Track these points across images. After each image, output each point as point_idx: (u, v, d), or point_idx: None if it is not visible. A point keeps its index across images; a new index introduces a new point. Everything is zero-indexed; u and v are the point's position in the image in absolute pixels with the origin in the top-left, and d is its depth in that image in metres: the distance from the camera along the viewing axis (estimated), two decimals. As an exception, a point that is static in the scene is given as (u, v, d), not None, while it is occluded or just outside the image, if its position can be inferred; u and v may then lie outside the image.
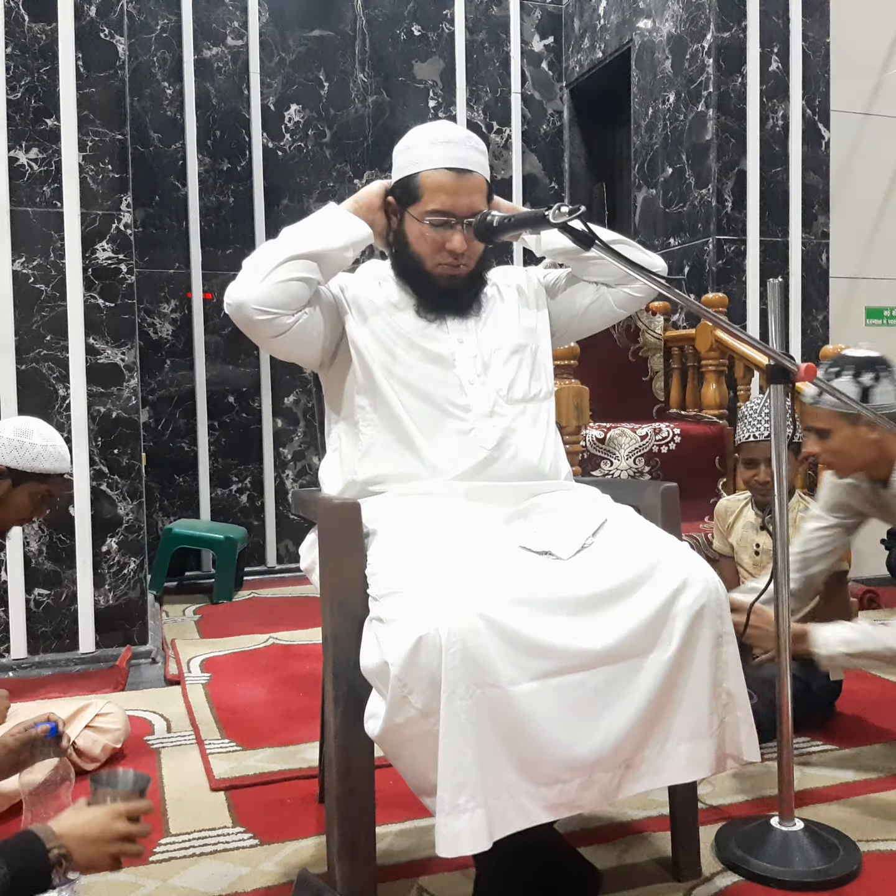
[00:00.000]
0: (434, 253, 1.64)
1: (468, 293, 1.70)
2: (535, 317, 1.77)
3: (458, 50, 4.64)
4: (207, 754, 2.18)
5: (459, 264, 1.65)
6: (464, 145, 1.63)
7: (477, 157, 1.63)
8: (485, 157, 1.67)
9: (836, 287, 3.93)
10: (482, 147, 1.67)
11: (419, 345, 1.64)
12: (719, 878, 1.61)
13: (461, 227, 1.61)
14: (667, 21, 4.01)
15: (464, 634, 1.24)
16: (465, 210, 1.60)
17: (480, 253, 1.68)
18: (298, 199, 4.44)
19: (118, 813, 1.26)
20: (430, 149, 1.63)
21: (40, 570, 2.93)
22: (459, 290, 1.68)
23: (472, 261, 1.67)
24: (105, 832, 1.24)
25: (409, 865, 1.67)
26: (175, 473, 4.31)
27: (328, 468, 1.69)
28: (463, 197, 1.60)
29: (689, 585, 1.41)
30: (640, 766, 1.35)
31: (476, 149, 1.64)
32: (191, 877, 1.64)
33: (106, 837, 1.24)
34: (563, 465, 1.70)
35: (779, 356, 1.63)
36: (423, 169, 1.62)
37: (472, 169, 1.61)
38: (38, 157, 2.90)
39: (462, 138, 1.64)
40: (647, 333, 3.58)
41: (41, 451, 1.98)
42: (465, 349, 1.66)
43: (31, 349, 2.90)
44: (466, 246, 1.62)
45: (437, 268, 1.65)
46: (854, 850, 1.66)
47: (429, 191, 1.61)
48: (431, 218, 1.61)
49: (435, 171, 1.61)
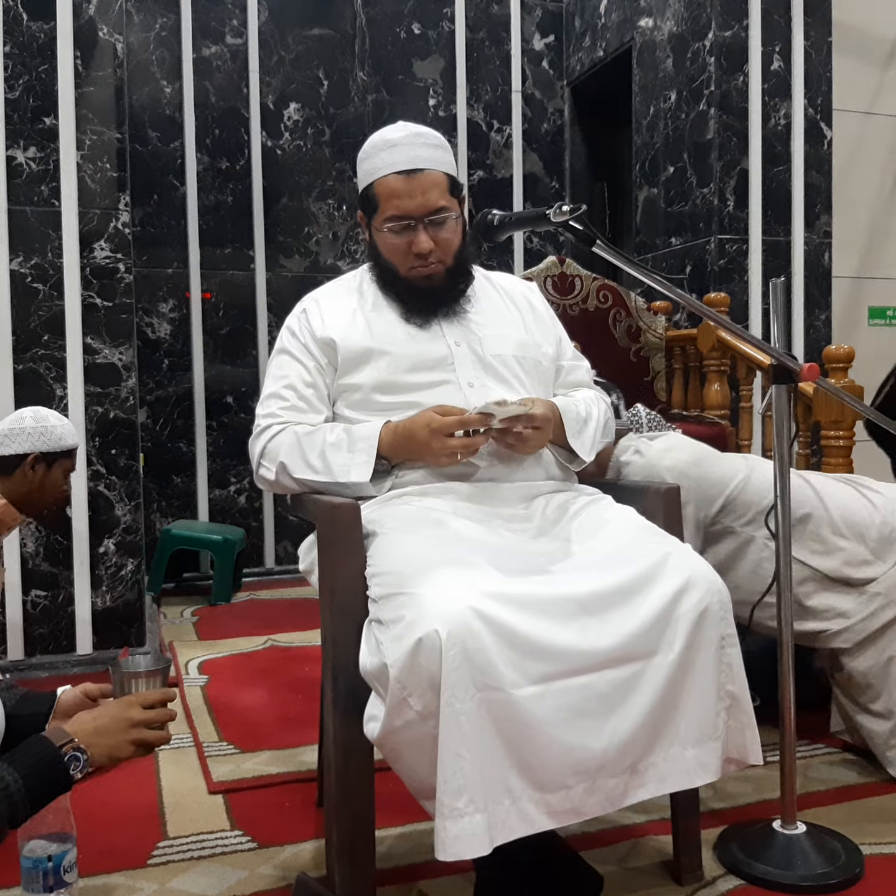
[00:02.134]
0: (404, 258, 1.64)
1: (452, 290, 1.68)
2: (545, 338, 1.75)
3: (458, 48, 4.62)
4: (205, 757, 2.16)
5: (431, 263, 1.63)
6: (411, 145, 1.60)
7: (428, 152, 1.61)
8: (441, 149, 1.64)
9: (839, 287, 3.92)
10: (437, 141, 1.64)
11: (413, 353, 1.62)
12: (721, 882, 1.60)
13: (422, 226, 1.60)
14: (668, 20, 4.00)
15: (464, 636, 1.22)
16: (422, 209, 1.59)
17: (457, 247, 1.66)
18: (298, 198, 4.43)
19: (130, 702, 1.28)
20: (378, 156, 1.62)
21: (37, 571, 2.91)
22: (441, 290, 1.66)
23: (448, 256, 1.65)
24: (118, 721, 1.26)
25: (409, 869, 1.65)
26: (173, 474, 4.30)
27: None
28: (416, 197, 1.59)
29: (693, 587, 1.40)
30: (647, 772, 1.34)
31: (428, 144, 1.62)
32: (188, 880, 1.63)
33: (120, 726, 1.26)
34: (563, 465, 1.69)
35: (781, 356, 1.62)
36: (375, 178, 1.62)
37: (422, 167, 1.59)
38: (35, 156, 2.88)
39: (409, 137, 1.61)
40: (649, 333, 3.56)
41: (63, 432, 2.18)
42: (463, 352, 1.64)
43: (28, 349, 2.88)
44: (433, 244, 1.61)
45: (410, 272, 1.65)
46: (856, 853, 1.65)
47: (383, 198, 1.61)
48: (390, 225, 1.61)
49: (385, 178, 1.60)
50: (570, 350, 1.83)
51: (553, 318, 1.83)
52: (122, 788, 2.02)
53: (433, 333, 1.65)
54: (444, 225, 1.62)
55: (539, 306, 1.80)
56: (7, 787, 1.17)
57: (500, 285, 1.80)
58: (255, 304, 4.34)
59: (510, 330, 1.71)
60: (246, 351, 4.34)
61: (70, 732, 1.24)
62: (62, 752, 1.22)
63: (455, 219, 1.64)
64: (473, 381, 1.62)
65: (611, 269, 3.84)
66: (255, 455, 1.66)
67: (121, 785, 2.04)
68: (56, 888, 1.43)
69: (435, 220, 1.61)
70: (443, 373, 1.62)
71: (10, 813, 1.18)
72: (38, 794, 1.21)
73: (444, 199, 1.61)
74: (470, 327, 1.67)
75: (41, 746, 1.23)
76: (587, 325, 3.36)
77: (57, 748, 1.22)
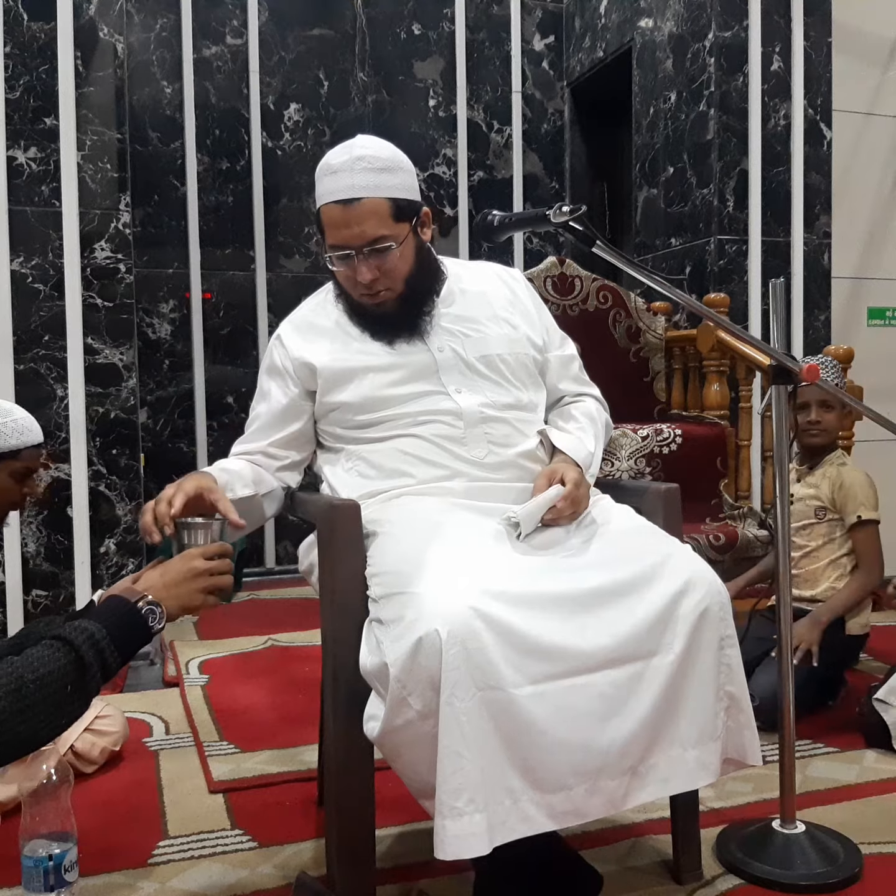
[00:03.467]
0: (353, 287, 1.62)
1: (409, 314, 1.63)
2: (531, 328, 1.73)
3: (458, 49, 4.62)
4: (206, 756, 2.17)
5: (378, 291, 1.59)
6: (350, 171, 1.53)
7: (367, 179, 1.53)
8: (386, 173, 1.55)
9: (839, 287, 3.92)
10: (380, 164, 1.55)
11: (396, 365, 1.61)
12: (720, 881, 1.60)
13: (362, 256, 1.55)
14: (668, 20, 4.00)
15: (464, 635, 1.23)
16: (358, 240, 1.54)
17: (407, 273, 1.60)
18: (298, 199, 4.43)
19: (192, 555, 1.33)
20: (322, 182, 1.58)
21: (38, 571, 2.92)
22: (395, 315, 1.62)
23: (396, 283, 1.60)
24: (185, 573, 1.31)
25: (409, 868, 1.65)
26: (174, 474, 4.21)
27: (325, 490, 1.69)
28: (353, 227, 1.54)
29: (693, 588, 1.40)
30: (648, 773, 1.34)
31: (368, 169, 1.54)
32: (189, 879, 1.63)
33: (188, 577, 1.31)
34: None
35: (781, 357, 1.62)
36: (320, 204, 1.58)
37: (359, 196, 1.53)
38: (36, 157, 2.89)
39: (349, 163, 1.54)
40: (649, 334, 3.56)
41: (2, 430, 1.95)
42: (446, 357, 1.63)
43: (29, 349, 2.89)
44: (375, 274, 1.56)
45: (361, 298, 1.63)
46: (856, 852, 1.65)
47: (326, 227, 1.58)
48: (332, 254, 1.58)
49: (326, 206, 1.57)
50: (557, 338, 1.79)
51: (538, 307, 1.78)
52: (122, 788, 2.02)
53: (414, 342, 1.63)
54: (386, 254, 1.56)
55: (521, 294, 1.76)
56: (92, 635, 1.21)
57: (478, 277, 1.76)
58: (255, 304, 4.34)
59: (494, 327, 1.68)
60: (246, 351, 4.34)
61: (141, 590, 1.29)
62: (139, 606, 1.26)
63: (398, 246, 1.57)
64: (461, 387, 1.61)
65: (611, 270, 3.84)
66: None
67: (121, 784, 2.04)
68: (57, 887, 1.43)
69: (375, 250, 1.55)
70: (428, 383, 1.60)
71: (100, 660, 1.21)
72: (123, 644, 1.25)
73: (384, 227, 1.54)
74: (451, 329, 1.65)
75: (117, 602, 1.27)
76: (587, 326, 3.36)
77: (133, 603, 1.26)
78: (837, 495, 2.46)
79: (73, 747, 2.03)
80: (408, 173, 1.60)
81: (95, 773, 2.08)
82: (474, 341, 1.65)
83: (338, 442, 1.66)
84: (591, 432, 1.70)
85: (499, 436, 1.59)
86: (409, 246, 1.60)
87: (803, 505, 2.49)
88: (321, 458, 1.71)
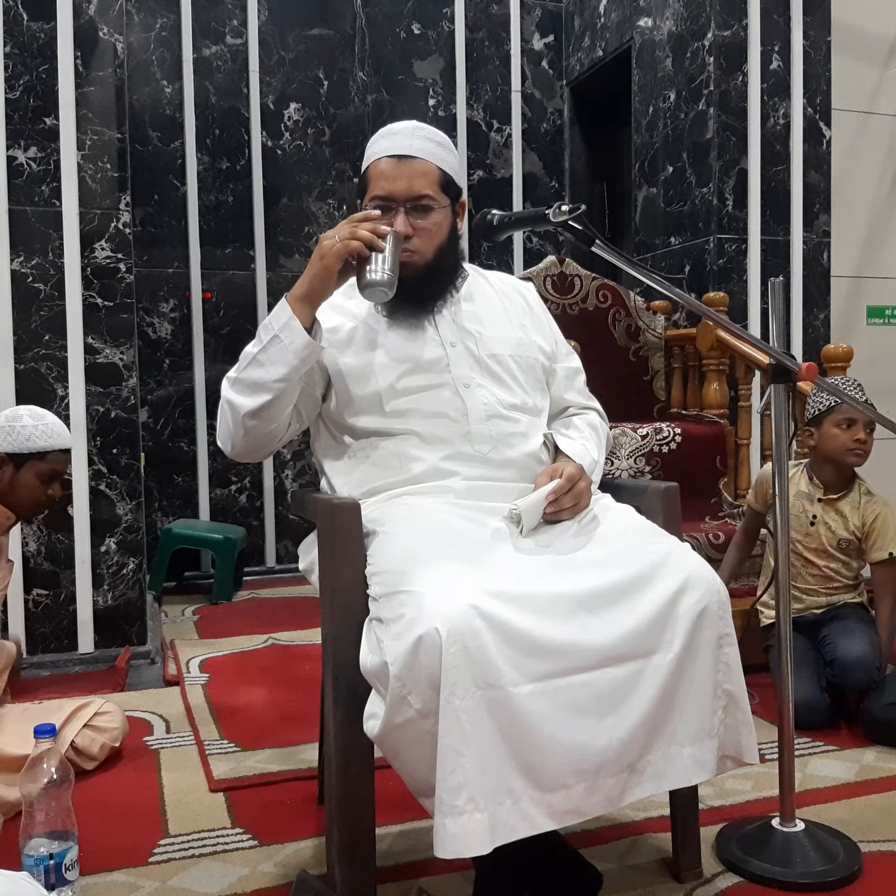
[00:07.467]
0: None
1: (428, 286, 1.63)
2: (542, 337, 1.75)
3: (458, 48, 4.63)
4: (206, 755, 2.17)
5: (407, 250, 1.58)
6: (410, 135, 1.61)
7: (423, 144, 1.60)
8: (442, 147, 1.63)
9: (838, 286, 3.92)
10: (437, 137, 1.63)
11: (407, 357, 1.61)
12: (720, 880, 1.61)
13: (404, 210, 1.58)
14: (667, 19, 4.01)
15: (464, 634, 1.23)
16: (404, 193, 1.57)
17: (439, 243, 1.62)
18: (298, 198, 4.43)
19: None
20: (378, 143, 1.63)
21: (39, 570, 2.92)
22: (415, 282, 1.59)
23: (427, 248, 1.60)
24: None
25: (409, 867, 1.66)
26: (174, 473, 4.30)
27: (324, 485, 1.68)
28: (402, 180, 1.57)
29: (692, 587, 1.40)
30: (644, 770, 1.34)
31: (426, 138, 1.61)
32: (190, 878, 1.63)
33: None
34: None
35: (780, 355, 1.63)
36: (370, 161, 1.63)
37: (414, 154, 1.59)
38: (36, 156, 2.89)
39: (409, 129, 1.62)
40: (648, 333, 3.57)
41: (32, 432, 2.07)
42: (458, 352, 1.64)
43: (29, 349, 2.89)
44: (411, 230, 1.57)
45: None
46: (855, 851, 1.66)
47: (372, 179, 1.61)
48: (373, 205, 1.59)
49: (377, 161, 1.61)
50: (564, 350, 1.82)
51: (549, 319, 1.82)
52: (123, 786, 2.03)
53: (427, 334, 1.64)
54: (427, 214, 1.59)
55: (535, 306, 1.80)
56: None
57: (497, 284, 1.79)
58: (255, 303, 4.34)
59: (507, 329, 1.70)
60: (246, 350, 4.34)
61: None
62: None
63: (440, 210, 1.60)
64: (469, 382, 1.62)
65: (610, 269, 3.84)
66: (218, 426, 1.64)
67: (122, 783, 2.05)
68: (58, 886, 1.44)
69: (417, 206, 1.58)
70: (438, 375, 1.61)
71: None
72: None
73: (430, 188, 1.59)
74: (466, 326, 1.66)
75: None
76: (586, 325, 3.36)
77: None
78: (868, 528, 2.42)
79: (73, 744, 2.04)
80: (457, 161, 1.69)
81: (96, 772, 2.08)
82: (487, 340, 1.66)
83: (340, 431, 1.65)
84: (594, 442, 1.72)
85: (503, 434, 1.59)
86: (447, 220, 1.64)
87: (827, 531, 2.44)
88: (320, 450, 1.70)
